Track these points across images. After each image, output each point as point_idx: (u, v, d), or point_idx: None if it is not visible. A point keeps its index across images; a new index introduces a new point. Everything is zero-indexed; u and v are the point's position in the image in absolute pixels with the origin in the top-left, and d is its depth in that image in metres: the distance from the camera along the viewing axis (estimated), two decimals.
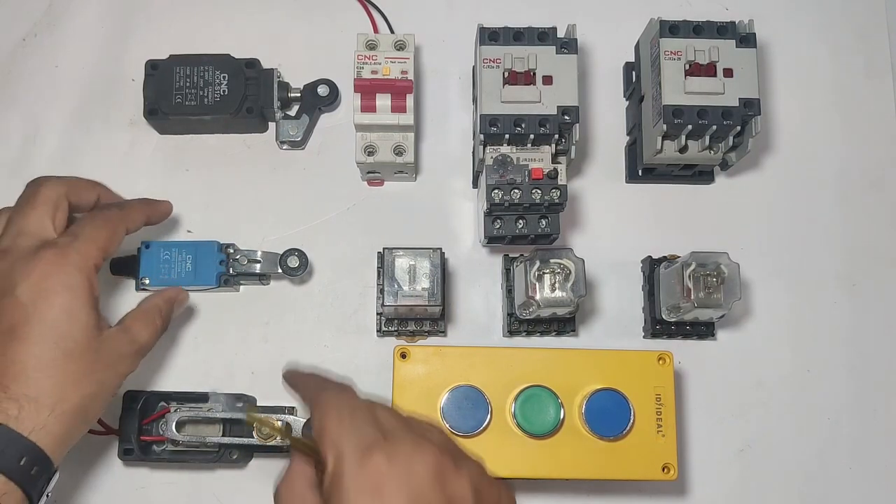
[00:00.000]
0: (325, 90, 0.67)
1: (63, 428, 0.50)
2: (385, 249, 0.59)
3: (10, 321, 0.50)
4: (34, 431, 0.48)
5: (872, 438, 0.65)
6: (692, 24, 0.61)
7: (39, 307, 0.50)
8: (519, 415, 0.55)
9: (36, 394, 0.49)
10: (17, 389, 0.48)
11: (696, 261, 0.59)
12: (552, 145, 0.59)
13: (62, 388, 0.50)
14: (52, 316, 0.50)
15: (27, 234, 0.53)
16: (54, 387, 0.50)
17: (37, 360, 0.49)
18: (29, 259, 0.51)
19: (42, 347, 0.50)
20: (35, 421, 0.48)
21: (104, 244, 0.54)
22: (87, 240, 0.53)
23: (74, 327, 0.51)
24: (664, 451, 0.56)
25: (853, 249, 0.68)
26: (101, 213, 0.56)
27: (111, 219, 0.56)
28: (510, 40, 0.60)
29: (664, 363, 0.57)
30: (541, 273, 0.58)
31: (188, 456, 0.61)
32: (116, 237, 0.56)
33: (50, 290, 0.51)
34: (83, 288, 0.52)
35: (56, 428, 0.49)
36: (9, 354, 0.49)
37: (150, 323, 0.57)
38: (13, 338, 0.50)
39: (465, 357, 0.57)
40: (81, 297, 0.52)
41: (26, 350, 0.49)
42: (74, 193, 0.57)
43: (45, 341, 0.50)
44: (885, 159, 0.70)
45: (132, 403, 0.61)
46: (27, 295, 0.50)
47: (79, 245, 0.53)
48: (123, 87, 0.69)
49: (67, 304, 0.51)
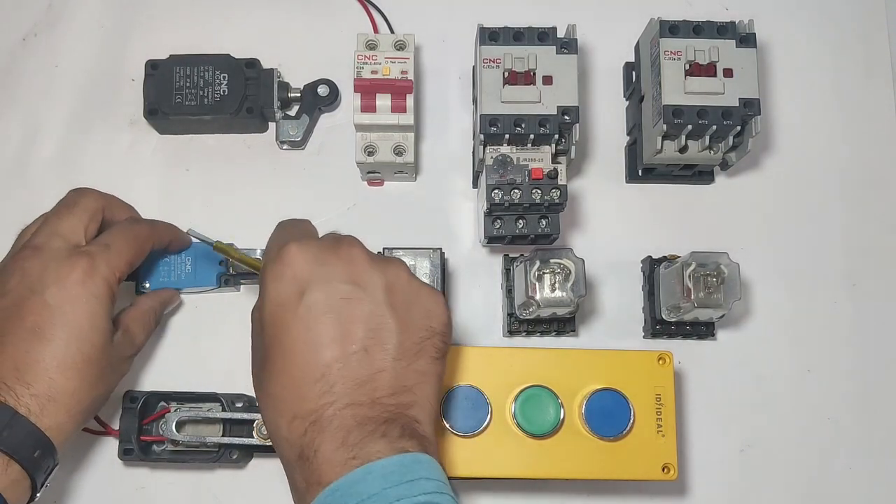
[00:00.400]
0: (325, 90, 0.67)
1: (73, 426, 0.53)
2: (385, 249, 0.59)
3: (36, 320, 0.52)
4: (49, 428, 0.51)
5: (872, 438, 0.65)
6: (692, 24, 0.61)
7: (67, 312, 0.52)
8: (519, 415, 0.55)
9: (56, 394, 0.51)
10: (39, 388, 0.51)
11: (696, 261, 0.59)
12: (552, 145, 0.59)
13: (79, 390, 0.52)
14: (78, 322, 0.53)
15: (60, 235, 0.55)
16: (73, 389, 0.52)
17: (59, 362, 0.52)
18: (62, 263, 0.53)
19: (66, 351, 0.52)
20: (52, 420, 0.51)
21: (131, 258, 0.57)
22: (117, 252, 0.55)
23: (95, 334, 0.53)
24: (664, 451, 0.56)
25: (853, 249, 0.68)
26: (133, 227, 0.58)
27: (141, 235, 0.58)
28: (510, 40, 0.60)
29: (664, 363, 0.57)
30: (541, 273, 0.58)
31: (188, 456, 0.61)
32: (143, 253, 0.58)
33: (79, 298, 0.53)
34: (107, 297, 0.54)
35: (68, 427, 0.52)
36: (33, 353, 0.51)
37: (146, 324, 0.60)
38: (39, 338, 0.52)
39: (465, 357, 0.57)
40: (104, 307, 0.54)
41: (51, 352, 0.52)
42: (110, 210, 0.60)
43: (68, 345, 0.52)
44: (885, 159, 0.70)
45: (132, 403, 0.61)
46: (56, 298, 0.52)
47: (109, 257, 0.55)
48: (123, 87, 0.69)
49: (92, 312, 0.53)
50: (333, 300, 0.46)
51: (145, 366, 0.65)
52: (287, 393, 0.46)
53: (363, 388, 0.45)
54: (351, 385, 0.45)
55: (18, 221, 0.60)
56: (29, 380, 0.51)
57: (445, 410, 0.56)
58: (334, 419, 0.44)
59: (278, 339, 0.47)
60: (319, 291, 0.46)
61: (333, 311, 0.46)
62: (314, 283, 0.46)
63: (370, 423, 0.44)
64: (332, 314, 0.46)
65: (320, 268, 0.47)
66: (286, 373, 0.46)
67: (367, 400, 0.45)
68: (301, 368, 0.46)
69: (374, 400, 0.45)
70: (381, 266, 0.48)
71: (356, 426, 0.44)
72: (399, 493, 0.42)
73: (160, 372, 0.64)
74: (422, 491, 0.42)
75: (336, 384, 0.45)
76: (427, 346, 0.48)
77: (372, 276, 0.47)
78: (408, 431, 0.45)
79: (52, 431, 0.51)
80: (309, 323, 0.46)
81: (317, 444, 0.44)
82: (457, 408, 0.56)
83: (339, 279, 0.47)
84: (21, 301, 0.52)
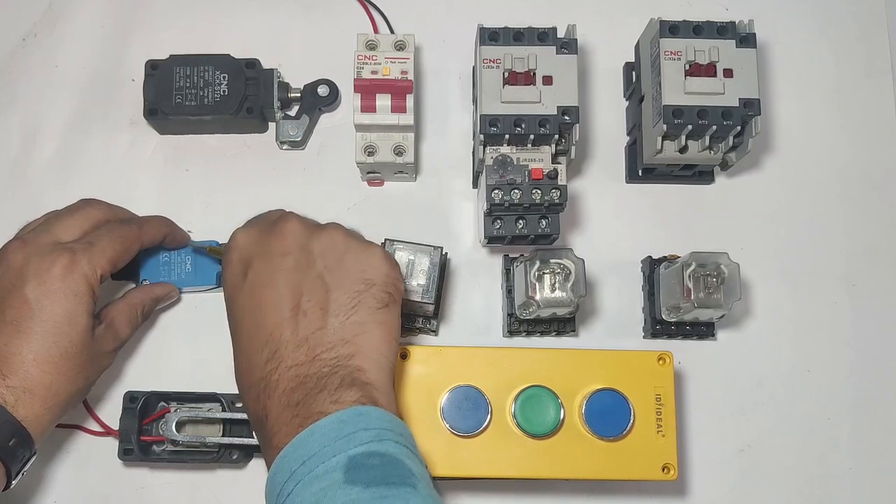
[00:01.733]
0: (325, 90, 0.67)
1: (51, 418, 0.54)
2: (387, 240, 0.59)
3: (16, 314, 0.53)
4: (26, 419, 0.52)
5: (872, 438, 0.65)
6: (692, 25, 0.61)
7: (45, 307, 0.53)
8: (519, 415, 0.55)
9: (32, 386, 0.53)
10: (15, 380, 0.52)
11: (696, 261, 0.59)
12: (552, 145, 0.59)
13: (56, 383, 0.54)
14: (55, 318, 0.54)
15: (51, 232, 0.56)
16: (50, 382, 0.53)
17: (35, 356, 0.53)
18: (43, 258, 0.54)
19: (42, 345, 0.53)
20: (28, 410, 0.52)
21: (115, 257, 0.57)
22: (100, 250, 0.56)
23: (73, 330, 0.54)
24: (664, 452, 0.56)
25: (853, 249, 0.68)
26: (120, 227, 0.58)
27: (128, 235, 0.58)
28: (510, 40, 0.60)
29: (664, 363, 0.57)
30: (541, 273, 0.58)
31: (188, 456, 0.61)
32: (129, 253, 0.58)
33: (57, 293, 0.54)
34: (86, 295, 0.55)
35: (46, 418, 0.53)
36: (11, 347, 0.53)
37: (132, 318, 0.60)
38: (18, 331, 0.53)
39: (466, 357, 0.57)
40: (83, 304, 0.55)
41: (28, 346, 0.53)
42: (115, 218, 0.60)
43: (45, 340, 0.53)
44: (885, 159, 0.70)
45: (132, 403, 0.61)
46: (35, 293, 0.53)
47: (91, 254, 0.55)
48: (123, 87, 0.69)
49: (70, 308, 0.54)
50: (272, 272, 0.50)
51: (145, 366, 0.65)
52: (243, 365, 0.50)
53: (302, 347, 0.48)
54: (292, 347, 0.48)
55: (18, 221, 0.60)
56: (5, 371, 0.52)
57: (445, 410, 0.56)
58: (280, 382, 0.47)
59: (234, 317, 0.51)
60: (259, 266, 0.51)
61: (272, 282, 0.50)
62: (254, 260, 0.51)
63: (310, 379, 0.47)
64: (271, 285, 0.50)
65: (259, 246, 0.51)
66: (240, 347, 0.50)
67: (306, 359, 0.48)
68: (249, 339, 0.50)
69: (313, 357, 0.48)
70: (316, 233, 0.52)
71: (298, 385, 0.47)
72: (336, 448, 0.44)
73: (160, 372, 0.64)
74: (359, 442, 0.44)
75: (279, 349, 0.48)
76: (365, 297, 0.50)
77: (307, 244, 0.51)
78: (347, 381, 0.47)
79: (28, 422, 0.52)
80: (252, 296, 0.50)
81: (267, 408, 0.47)
82: (457, 408, 0.56)
83: (277, 252, 0.51)
84: (3, 294, 0.54)
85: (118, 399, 0.61)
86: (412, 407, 0.56)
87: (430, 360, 0.57)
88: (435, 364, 0.57)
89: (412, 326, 0.64)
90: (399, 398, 0.56)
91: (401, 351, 0.57)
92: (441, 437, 0.55)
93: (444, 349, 0.57)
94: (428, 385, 0.56)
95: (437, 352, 0.57)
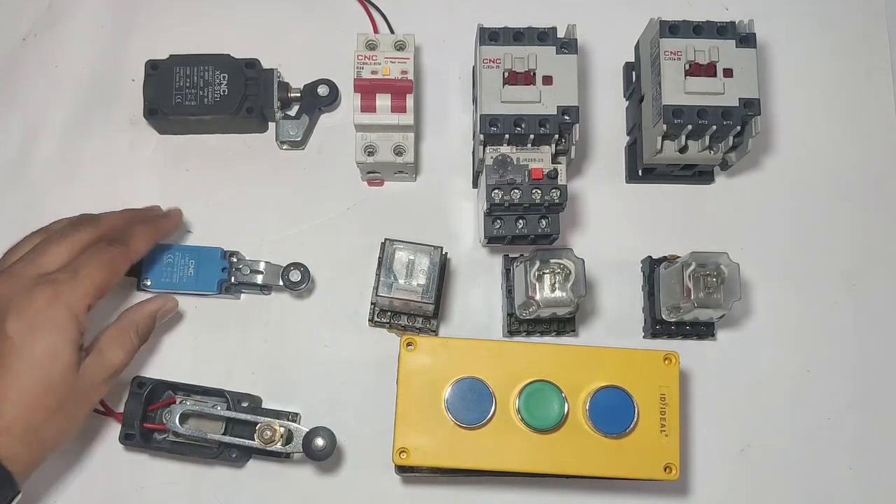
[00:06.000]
0: (325, 90, 0.67)
1: (31, 456, 0.52)
2: (387, 240, 0.59)
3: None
4: (6, 458, 0.50)
5: (872, 438, 0.65)
6: (692, 25, 0.61)
7: (26, 342, 0.52)
8: (523, 409, 0.55)
9: (9, 424, 0.51)
10: None
11: (696, 261, 0.59)
12: (552, 145, 0.59)
13: (36, 420, 0.52)
14: (36, 353, 0.52)
15: (35, 263, 0.55)
16: (29, 419, 0.51)
17: (16, 393, 0.51)
18: (25, 291, 0.53)
19: (22, 381, 0.51)
20: (8, 450, 0.50)
21: (101, 283, 0.55)
22: (85, 278, 0.54)
23: (56, 366, 0.52)
24: (667, 451, 0.56)
25: (853, 249, 0.68)
26: (108, 250, 0.56)
27: (114, 257, 0.56)
28: (510, 40, 0.60)
29: (670, 363, 0.57)
30: (541, 273, 0.58)
31: (188, 449, 0.61)
32: (117, 275, 0.57)
33: (38, 328, 0.52)
34: (70, 328, 0.53)
35: (25, 456, 0.51)
36: None
37: (125, 343, 0.57)
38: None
39: (471, 350, 0.57)
40: (66, 336, 0.53)
41: (7, 382, 0.51)
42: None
43: (25, 376, 0.51)
44: (885, 159, 0.70)
45: (139, 389, 0.60)
46: (15, 328, 0.52)
47: (76, 284, 0.53)
48: (123, 87, 0.69)
49: (52, 343, 0.52)
50: None
51: (156, 355, 0.65)
52: None
53: None
54: None
55: (18, 221, 0.60)
56: None
57: (450, 402, 0.55)
58: None
59: None
60: None
61: None
62: None
63: None
64: None
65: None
66: None
67: None
68: None
69: None
70: None
71: None
72: None
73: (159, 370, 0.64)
74: None
75: None
76: None
77: None
78: None
79: (8, 461, 0.50)
80: None
81: None
82: (461, 399, 0.55)
83: None
84: None
85: (125, 383, 0.61)
86: (417, 397, 0.56)
87: (436, 352, 0.57)
88: (441, 355, 0.57)
89: (412, 327, 0.64)
90: (404, 388, 0.56)
91: (407, 341, 0.57)
92: (444, 427, 0.55)
93: (450, 341, 0.57)
94: (433, 376, 0.56)
95: (444, 343, 0.57)
